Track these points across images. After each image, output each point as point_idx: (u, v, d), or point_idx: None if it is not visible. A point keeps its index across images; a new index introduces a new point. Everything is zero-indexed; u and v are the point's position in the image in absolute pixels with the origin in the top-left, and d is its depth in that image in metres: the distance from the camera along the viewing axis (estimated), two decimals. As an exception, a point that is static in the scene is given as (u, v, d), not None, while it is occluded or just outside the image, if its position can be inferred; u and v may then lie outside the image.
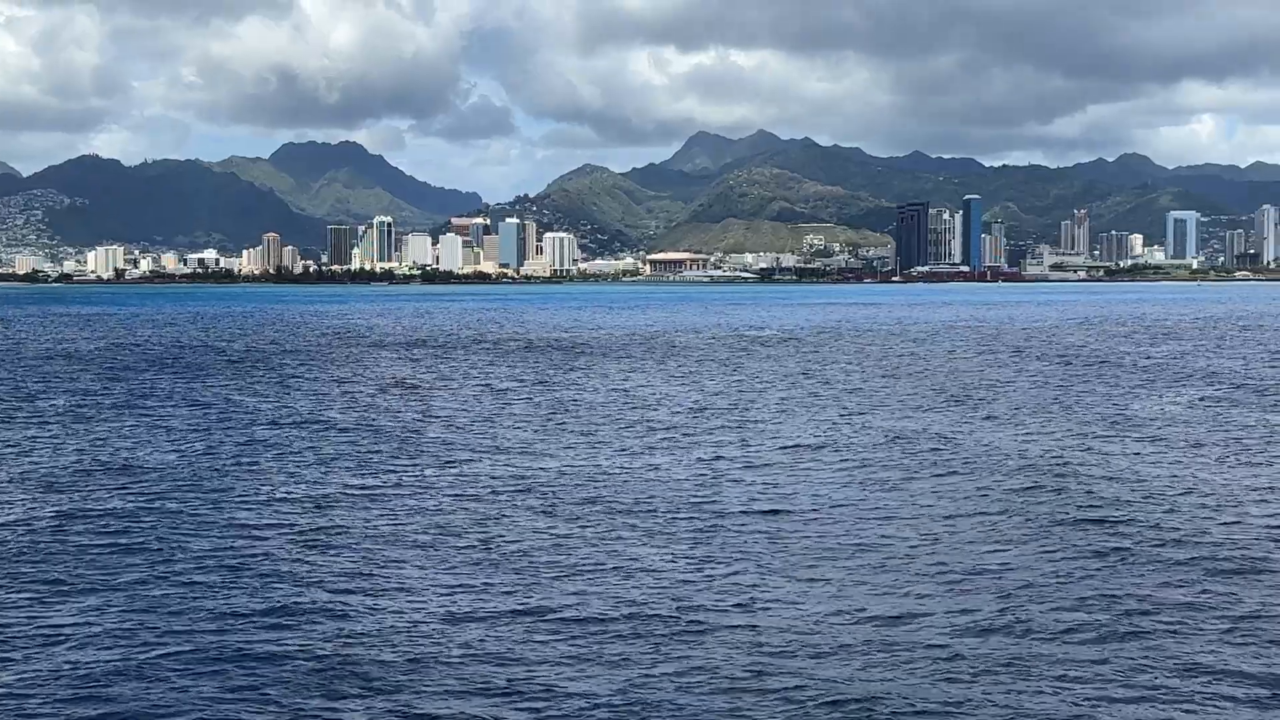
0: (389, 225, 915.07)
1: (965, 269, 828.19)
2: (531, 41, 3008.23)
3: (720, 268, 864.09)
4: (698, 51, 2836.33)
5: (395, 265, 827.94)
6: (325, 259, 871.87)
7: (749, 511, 31.17)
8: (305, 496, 33.36)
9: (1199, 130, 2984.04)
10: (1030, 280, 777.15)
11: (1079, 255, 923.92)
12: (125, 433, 47.65)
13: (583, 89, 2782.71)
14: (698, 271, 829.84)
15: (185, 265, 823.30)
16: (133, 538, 28.09)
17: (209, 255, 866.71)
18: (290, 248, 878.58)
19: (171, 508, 31.76)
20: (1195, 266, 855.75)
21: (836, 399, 60.35)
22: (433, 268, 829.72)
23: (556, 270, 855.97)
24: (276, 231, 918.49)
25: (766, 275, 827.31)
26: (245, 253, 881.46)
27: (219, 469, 38.23)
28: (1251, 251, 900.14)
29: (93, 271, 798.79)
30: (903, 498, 33.16)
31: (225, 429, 48.79)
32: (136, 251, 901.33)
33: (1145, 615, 21.65)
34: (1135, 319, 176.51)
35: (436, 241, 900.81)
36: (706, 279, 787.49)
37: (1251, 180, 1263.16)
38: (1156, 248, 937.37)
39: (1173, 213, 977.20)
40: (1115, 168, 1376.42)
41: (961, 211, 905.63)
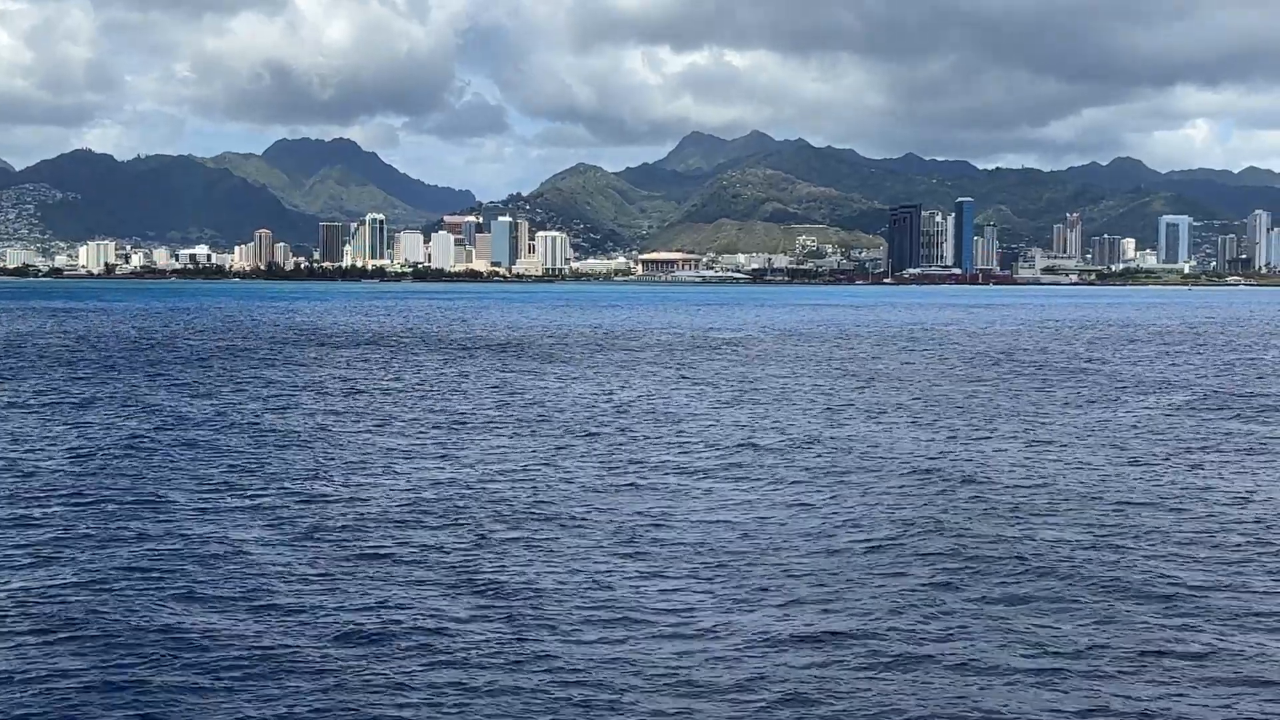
0: (381, 223, 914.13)
1: (957, 271, 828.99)
2: (526, 40, 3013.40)
3: (712, 268, 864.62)
4: (692, 51, 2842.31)
5: (387, 263, 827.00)
6: (317, 256, 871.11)
7: (608, 515, 30.72)
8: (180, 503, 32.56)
9: (1193, 135, 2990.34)
10: (1022, 283, 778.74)
11: (1071, 259, 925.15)
12: None
13: (577, 88, 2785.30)
14: (690, 272, 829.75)
15: (176, 261, 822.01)
16: None
17: (200, 251, 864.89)
18: (282, 244, 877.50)
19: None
20: (1187, 271, 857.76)
21: (751, 402, 59.95)
22: (425, 265, 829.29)
23: (549, 269, 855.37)
24: (269, 228, 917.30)
25: (758, 276, 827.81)
26: (237, 249, 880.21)
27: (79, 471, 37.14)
28: (1244, 257, 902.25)
29: (83, 267, 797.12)
30: (777, 500, 32.72)
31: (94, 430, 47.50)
32: (128, 247, 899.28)
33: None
34: (1081, 322, 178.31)
35: (429, 239, 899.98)
36: (698, 279, 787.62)
37: (1245, 185, 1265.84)
38: (1149, 252, 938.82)
39: (1165, 217, 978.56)
40: (1109, 172, 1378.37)
41: (954, 214, 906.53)
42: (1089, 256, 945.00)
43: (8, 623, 21.28)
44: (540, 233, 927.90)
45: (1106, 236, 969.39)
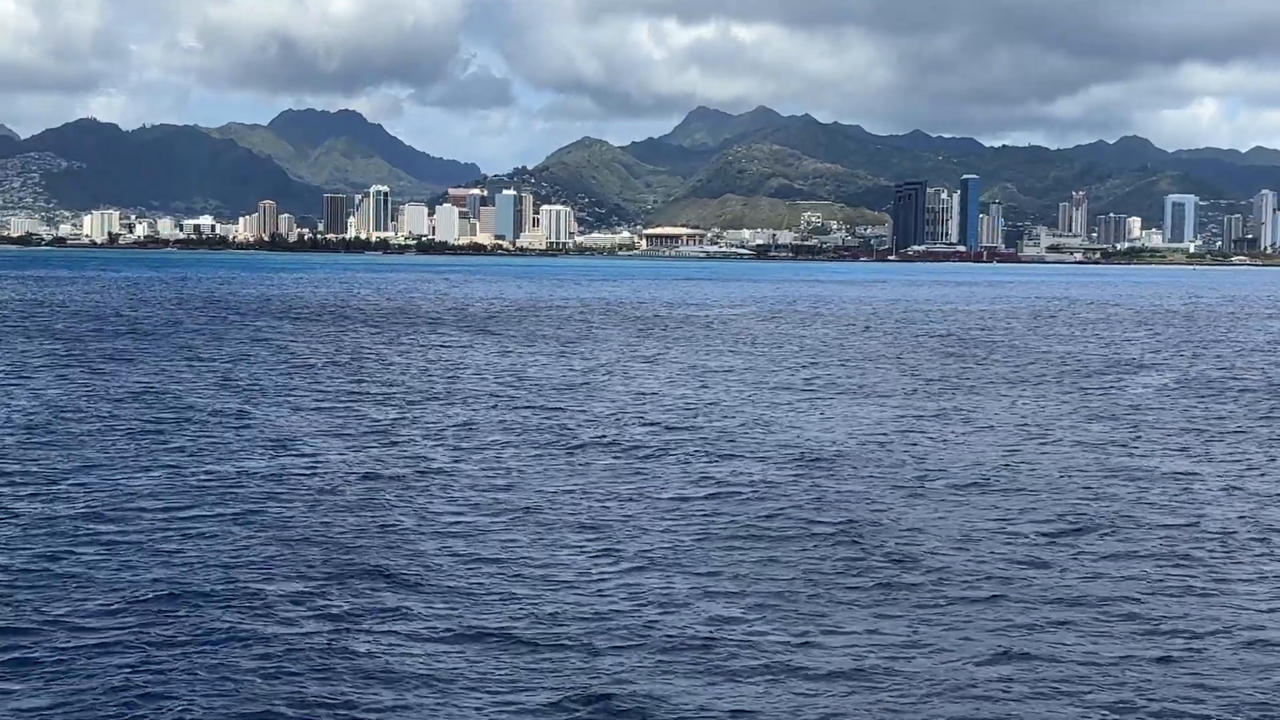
0: (385, 195, 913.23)
1: (962, 249, 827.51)
2: (531, 12, 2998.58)
3: (717, 244, 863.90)
4: (699, 24, 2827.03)
5: (391, 235, 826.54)
6: (321, 228, 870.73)
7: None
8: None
9: (1200, 113, 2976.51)
10: (1026, 261, 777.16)
11: (1076, 237, 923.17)
12: None
13: (583, 61, 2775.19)
14: (694, 247, 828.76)
15: (180, 231, 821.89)
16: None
17: (205, 222, 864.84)
18: (286, 215, 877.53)
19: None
20: (1192, 250, 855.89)
21: (679, 376, 60.26)
22: (428, 238, 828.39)
23: (553, 243, 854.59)
24: (274, 199, 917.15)
25: (762, 252, 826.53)
26: (241, 220, 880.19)
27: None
28: (1250, 236, 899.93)
29: (86, 236, 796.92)
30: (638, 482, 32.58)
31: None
32: (133, 216, 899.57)
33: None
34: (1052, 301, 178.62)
35: (433, 212, 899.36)
36: (702, 254, 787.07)
37: (1252, 165, 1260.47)
38: (1155, 231, 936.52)
39: (1171, 196, 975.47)
40: (1115, 150, 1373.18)
41: (959, 191, 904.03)
42: (1094, 235, 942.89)
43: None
44: (544, 206, 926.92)
45: (1112, 215, 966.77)
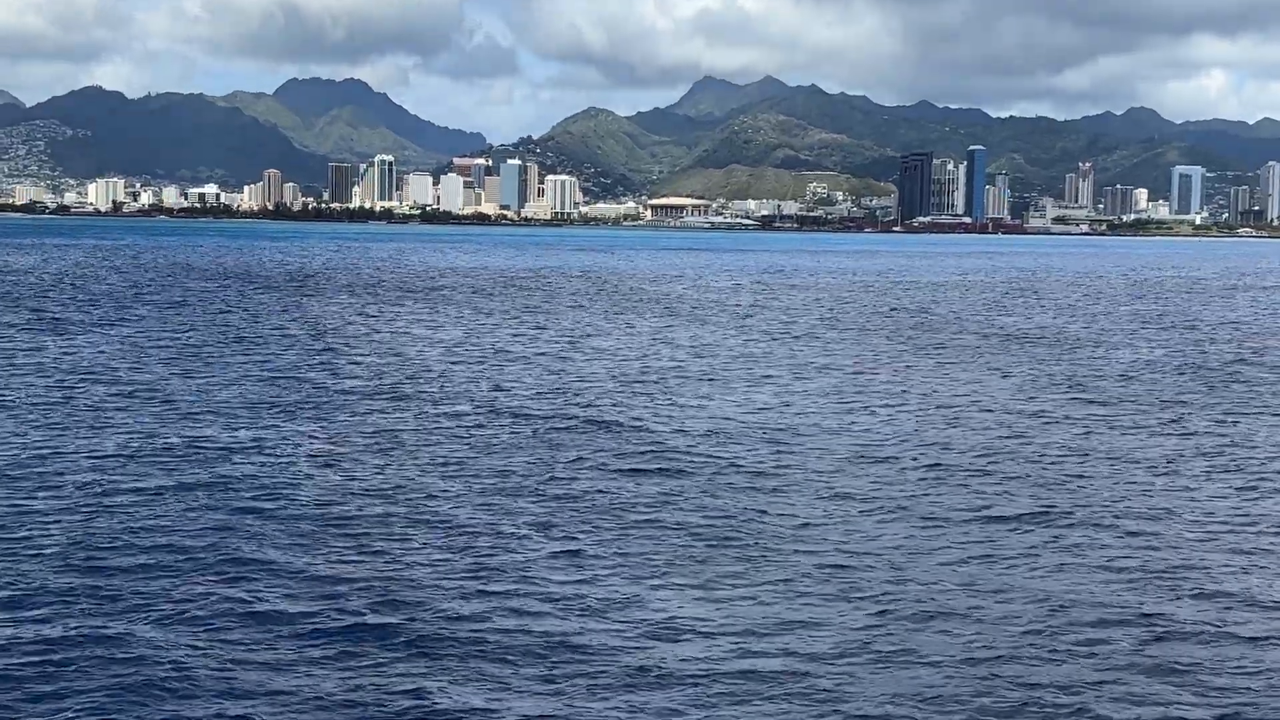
0: (390, 164, 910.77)
1: (967, 220, 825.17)
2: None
3: (721, 214, 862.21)
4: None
5: (395, 205, 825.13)
6: (326, 197, 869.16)
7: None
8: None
9: (1208, 85, 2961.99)
10: (1032, 233, 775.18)
11: (1082, 209, 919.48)
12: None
13: (588, 30, 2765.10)
14: (699, 218, 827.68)
15: (185, 200, 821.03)
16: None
17: (209, 190, 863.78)
18: (291, 184, 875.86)
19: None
20: (1199, 222, 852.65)
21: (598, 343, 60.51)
22: (433, 208, 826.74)
23: (557, 213, 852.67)
24: (280, 168, 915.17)
25: (767, 223, 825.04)
26: (246, 189, 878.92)
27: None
28: (1256, 208, 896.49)
29: (90, 204, 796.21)
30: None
31: None
32: (137, 185, 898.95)
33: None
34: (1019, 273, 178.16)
35: (438, 182, 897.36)
36: (707, 225, 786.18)
37: (1260, 137, 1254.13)
38: (1161, 202, 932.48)
39: (1178, 168, 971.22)
40: (1122, 121, 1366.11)
41: (965, 162, 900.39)
42: (1101, 207, 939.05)
43: None
44: (549, 176, 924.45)
45: (1119, 187, 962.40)
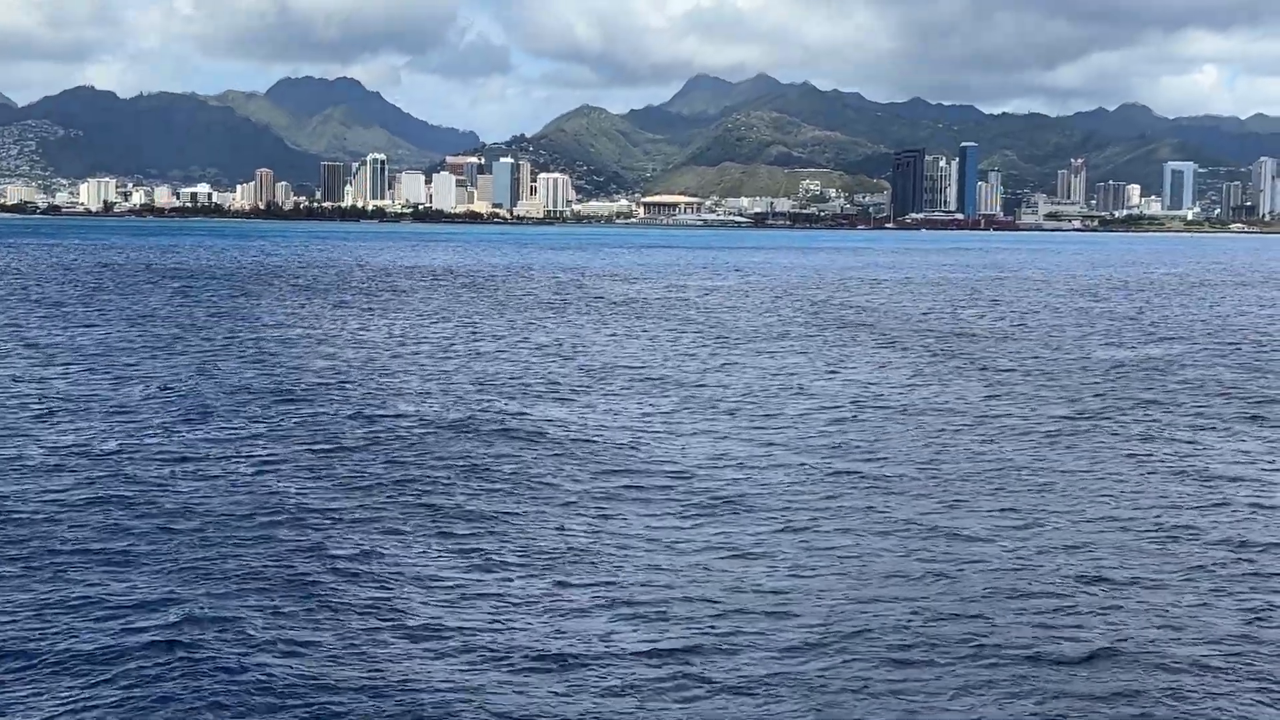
0: (382, 163, 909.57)
1: (960, 217, 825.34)
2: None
3: (714, 212, 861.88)
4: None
5: (387, 203, 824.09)
6: (319, 196, 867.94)
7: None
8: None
9: (1201, 81, 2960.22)
10: (1024, 229, 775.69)
11: (1075, 205, 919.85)
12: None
13: (581, 28, 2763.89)
14: (692, 215, 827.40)
15: (178, 199, 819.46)
16: None
17: (202, 190, 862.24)
18: (283, 184, 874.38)
19: None
20: (1190, 218, 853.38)
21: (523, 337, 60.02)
22: (426, 206, 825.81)
23: (550, 211, 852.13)
24: (273, 167, 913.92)
25: (760, 220, 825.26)
26: (239, 188, 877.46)
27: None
28: (1248, 204, 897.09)
29: (81, 204, 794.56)
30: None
31: None
32: (129, 184, 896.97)
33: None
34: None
35: (430, 180, 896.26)
36: (700, 222, 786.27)
37: (1252, 132, 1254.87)
38: (1154, 198, 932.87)
39: (1170, 164, 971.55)
40: (1115, 117, 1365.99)
41: (958, 159, 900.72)
42: (1093, 203, 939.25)
43: None
44: (542, 174, 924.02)
45: (1111, 183, 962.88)
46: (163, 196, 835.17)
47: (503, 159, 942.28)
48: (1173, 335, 65.74)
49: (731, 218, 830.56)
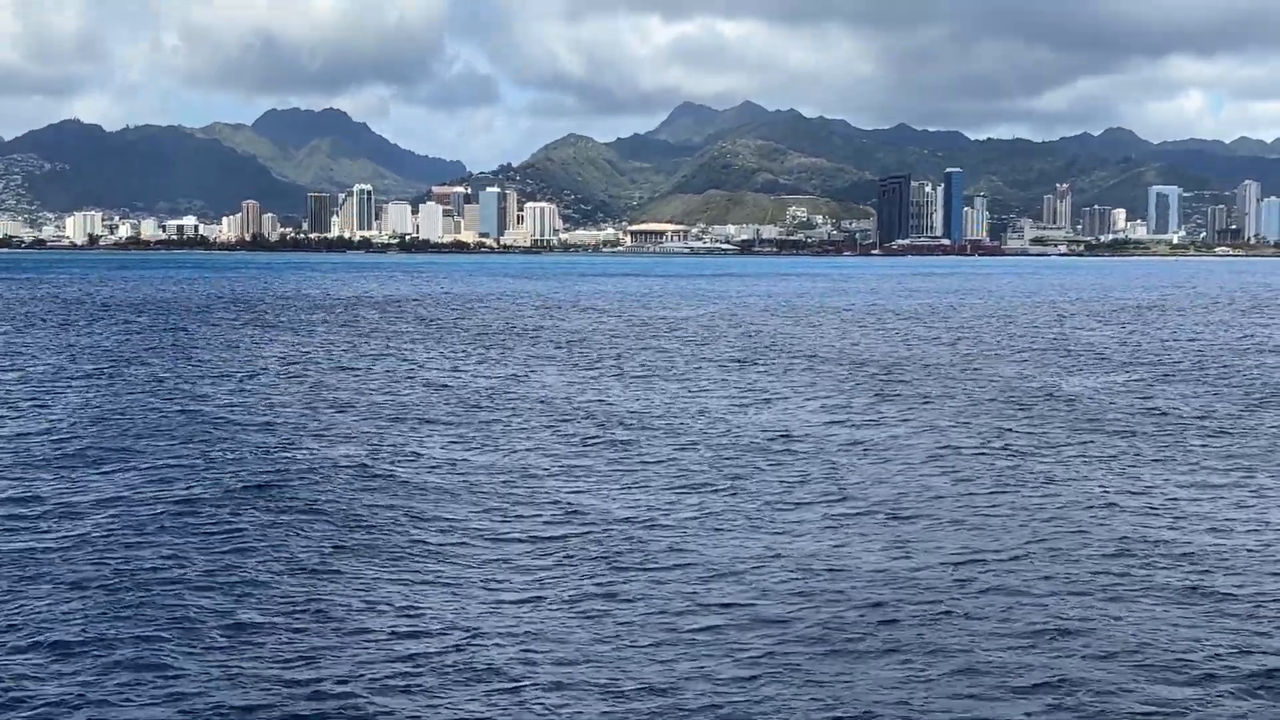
0: (368, 193, 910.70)
1: (946, 242, 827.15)
2: (515, 10, 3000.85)
3: (701, 239, 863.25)
4: (682, 21, 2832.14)
5: (374, 234, 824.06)
6: (306, 227, 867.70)
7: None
8: None
9: (1186, 105, 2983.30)
10: (1010, 254, 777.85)
11: (1061, 229, 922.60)
12: None
13: (567, 58, 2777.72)
14: (678, 243, 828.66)
15: (164, 232, 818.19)
16: None
17: (188, 222, 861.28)
18: (270, 215, 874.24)
19: None
20: (1176, 242, 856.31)
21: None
22: (412, 236, 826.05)
23: (537, 240, 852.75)
24: (260, 199, 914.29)
25: (747, 247, 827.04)
26: (225, 220, 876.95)
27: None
28: (1234, 227, 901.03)
29: (66, 238, 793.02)
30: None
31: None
32: (116, 217, 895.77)
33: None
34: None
35: (417, 210, 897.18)
36: (686, 250, 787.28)
37: (1237, 156, 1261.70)
38: (1139, 223, 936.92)
39: (1155, 187, 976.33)
40: (1100, 142, 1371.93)
41: (943, 185, 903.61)
42: (1079, 227, 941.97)
43: None
44: (529, 203, 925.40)
45: (1096, 207, 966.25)
46: (149, 229, 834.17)
47: (489, 188, 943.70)
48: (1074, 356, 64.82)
49: (718, 245, 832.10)
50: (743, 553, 24.10)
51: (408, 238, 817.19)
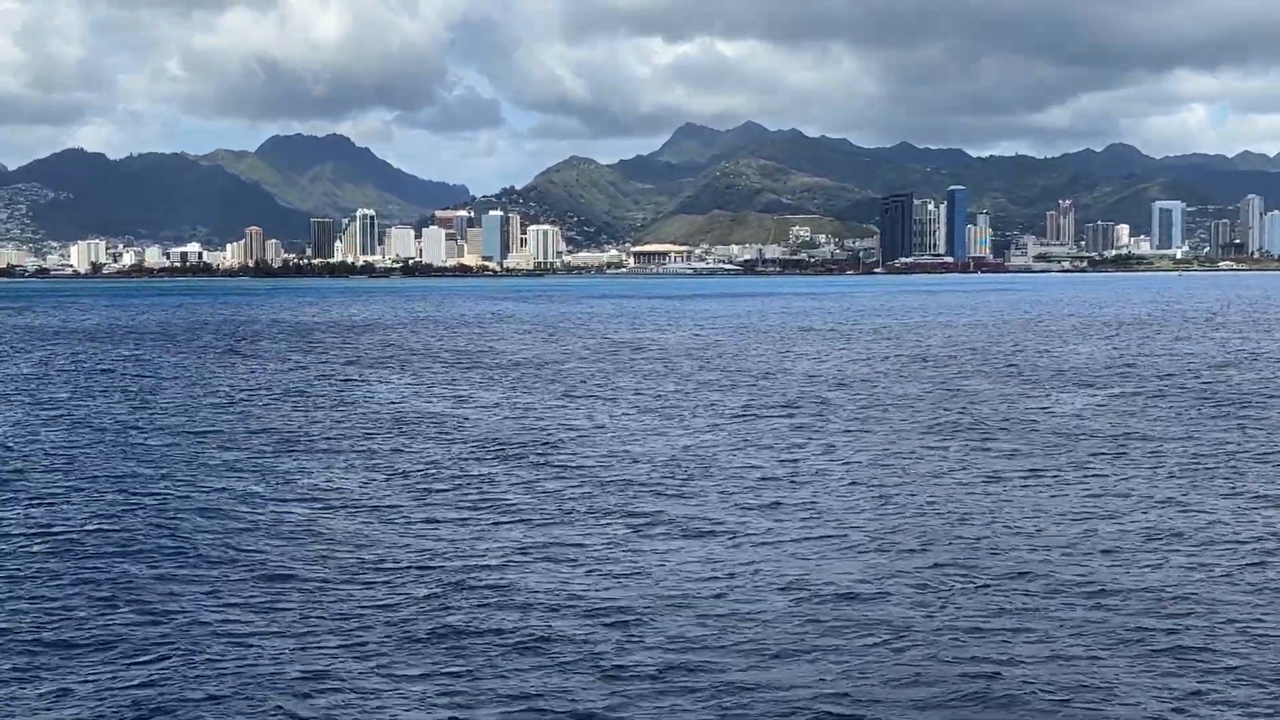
0: (372, 218, 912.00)
1: (949, 260, 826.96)
2: (517, 33, 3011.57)
3: (704, 260, 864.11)
4: (684, 42, 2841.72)
5: (377, 258, 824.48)
6: (309, 252, 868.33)
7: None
8: None
9: (1189, 120, 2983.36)
10: (1013, 271, 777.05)
11: (1064, 246, 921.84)
12: None
13: (569, 81, 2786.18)
14: (681, 263, 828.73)
15: (168, 260, 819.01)
16: None
17: (192, 249, 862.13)
18: (273, 241, 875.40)
19: None
20: (1180, 256, 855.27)
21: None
22: (415, 261, 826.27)
23: (540, 263, 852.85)
24: (264, 225, 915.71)
25: (750, 267, 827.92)
26: (229, 246, 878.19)
27: None
28: (1237, 241, 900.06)
29: (70, 267, 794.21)
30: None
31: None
32: (120, 245, 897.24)
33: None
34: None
35: (420, 234, 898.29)
36: (690, 271, 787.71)
37: (1240, 170, 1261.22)
38: (1143, 238, 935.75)
39: (1158, 203, 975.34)
40: (1103, 158, 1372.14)
41: (946, 202, 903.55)
42: (1083, 243, 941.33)
43: None
44: (532, 226, 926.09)
45: (1100, 223, 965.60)
46: (153, 257, 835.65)
47: (492, 212, 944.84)
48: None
49: (721, 265, 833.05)
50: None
51: (410, 262, 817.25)
